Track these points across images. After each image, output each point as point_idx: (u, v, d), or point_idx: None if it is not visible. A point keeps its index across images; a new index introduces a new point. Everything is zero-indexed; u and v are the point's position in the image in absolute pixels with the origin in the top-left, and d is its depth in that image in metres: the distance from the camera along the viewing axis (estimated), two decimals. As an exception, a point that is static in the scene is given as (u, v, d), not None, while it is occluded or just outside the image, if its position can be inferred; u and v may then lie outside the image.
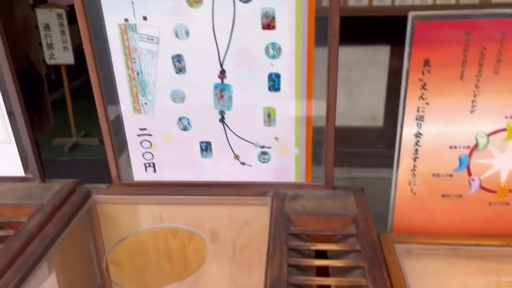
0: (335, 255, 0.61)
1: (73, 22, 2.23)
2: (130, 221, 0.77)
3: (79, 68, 2.36)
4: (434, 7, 1.72)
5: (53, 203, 0.70)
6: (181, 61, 0.64)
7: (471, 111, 0.62)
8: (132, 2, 0.61)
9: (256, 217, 0.74)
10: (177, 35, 0.62)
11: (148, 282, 0.80)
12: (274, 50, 0.62)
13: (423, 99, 0.62)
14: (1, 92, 0.70)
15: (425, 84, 0.61)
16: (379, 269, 0.53)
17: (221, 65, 0.64)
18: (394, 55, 1.94)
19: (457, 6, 1.72)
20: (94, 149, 2.74)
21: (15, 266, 0.57)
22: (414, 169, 0.68)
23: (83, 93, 1.53)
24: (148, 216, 0.76)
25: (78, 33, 0.63)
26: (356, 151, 2.09)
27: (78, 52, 2.42)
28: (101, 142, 2.33)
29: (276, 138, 0.68)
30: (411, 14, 0.59)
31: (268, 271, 0.54)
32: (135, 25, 0.62)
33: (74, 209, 0.70)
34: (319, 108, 0.65)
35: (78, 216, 0.70)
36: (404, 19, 0.61)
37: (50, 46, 2.43)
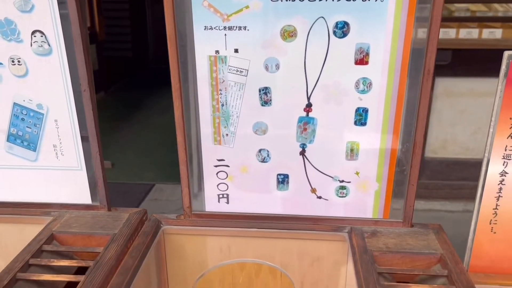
0: (422, 295, 0.59)
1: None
2: (197, 253, 0.75)
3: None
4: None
5: (125, 234, 0.68)
6: (267, 94, 0.64)
7: None
8: (225, 35, 0.61)
9: (328, 252, 0.72)
10: (267, 68, 0.62)
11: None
12: (364, 85, 0.62)
13: (512, 138, 0.62)
14: (78, 119, 0.69)
15: (517, 124, 0.60)
16: (485, 314, 0.52)
17: (308, 99, 0.63)
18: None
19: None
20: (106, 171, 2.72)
21: (103, 300, 0.56)
22: (497, 208, 0.67)
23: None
24: (216, 248, 0.74)
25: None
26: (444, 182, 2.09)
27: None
28: (113, 165, 2.31)
29: (357, 173, 0.67)
30: (506, 53, 0.59)
31: (367, 312, 0.53)
32: (225, 57, 0.62)
33: (148, 240, 0.68)
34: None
35: (152, 247, 0.68)
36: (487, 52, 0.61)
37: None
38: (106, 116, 2.89)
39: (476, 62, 1.93)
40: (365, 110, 0.63)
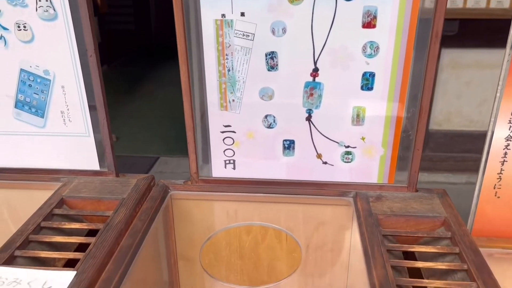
0: (425, 257, 0.60)
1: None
2: (204, 218, 0.76)
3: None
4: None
5: (133, 198, 0.69)
6: (274, 59, 0.64)
7: None
8: (231, -2, 0.60)
9: (333, 217, 0.74)
10: (273, 32, 0.62)
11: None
12: (372, 49, 0.61)
13: (522, 102, 0.62)
14: (85, 85, 0.69)
15: (525, 87, 0.60)
16: (488, 273, 0.53)
17: (315, 63, 0.63)
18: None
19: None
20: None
21: (114, 259, 0.57)
22: (501, 173, 0.68)
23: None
24: (223, 213, 0.76)
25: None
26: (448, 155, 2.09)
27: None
28: (118, 138, 2.32)
29: (363, 138, 0.68)
30: (515, 17, 0.59)
31: (372, 273, 0.54)
32: (231, 20, 0.62)
33: (156, 204, 0.69)
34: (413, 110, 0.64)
35: (160, 212, 0.69)
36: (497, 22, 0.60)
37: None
38: (109, 90, 2.88)
39: (483, 32, 1.90)
40: (372, 75, 0.63)
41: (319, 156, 0.70)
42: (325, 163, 0.70)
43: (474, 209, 0.71)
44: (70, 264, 0.57)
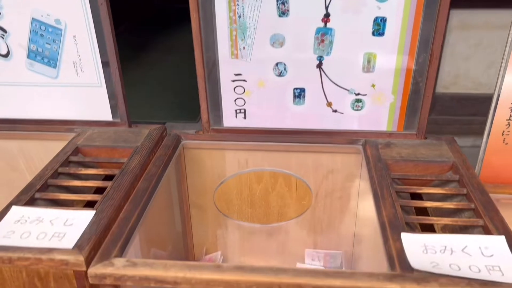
0: (433, 199, 0.61)
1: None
2: (216, 167, 0.78)
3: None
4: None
5: (147, 146, 0.71)
6: (285, 4, 0.63)
7: None
8: None
9: (342, 165, 0.75)
10: (284, -24, 0.62)
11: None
12: (383, -7, 0.61)
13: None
14: (96, 35, 0.70)
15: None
16: (494, 210, 0.54)
17: (326, 8, 0.63)
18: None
19: None
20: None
21: (131, 201, 0.59)
22: (510, 119, 0.68)
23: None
24: (234, 162, 0.77)
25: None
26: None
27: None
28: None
29: (373, 85, 0.68)
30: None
31: (382, 212, 0.55)
32: (243, -36, 0.61)
33: (169, 152, 0.71)
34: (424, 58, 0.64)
35: (173, 159, 0.71)
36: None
37: None
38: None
39: (493, -9, 1.86)
40: (384, 20, 0.63)
41: (329, 104, 0.71)
42: (335, 111, 0.71)
43: (482, 156, 0.72)
44: (88, 206, 0.59)
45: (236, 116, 0.74)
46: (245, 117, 0.74)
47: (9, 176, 0.83)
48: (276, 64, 0.68)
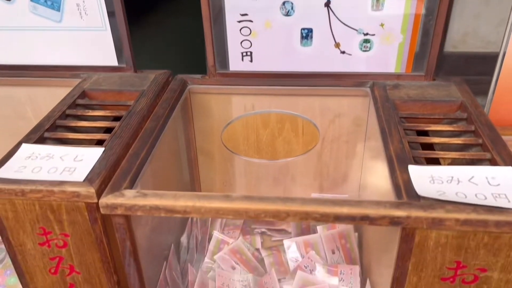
0: (441, 136, 0.61)
1: None
2: (222, 112, 0.78)
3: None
4: None
5: (153, 90, 0.71)
6: None
7: None
8: None
9: (350, 108, 0.75)
10: None
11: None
12: None
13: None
14: (99, -26, 0.68)
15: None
16: (502, 145, 0.54)
17: None
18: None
19: None
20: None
21: (139, 139, 0.59)
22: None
23: None
24: (240, 106, 0.77)
25: None
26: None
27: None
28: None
29: (382, 25, 0.67)
30: None
31: (389, 147, 0.56)
32: None
33: (176, 95, 0.71)
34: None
35: (180, 103, 0.71)
36: None
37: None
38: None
39: None
40: (394, -46, 0.61)
41: (337, 45, 0.70)
42: (343, 52, 0.70)
43: (491, 97, 0.72)
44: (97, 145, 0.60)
45: (242, 60, 0.73)
46: (251, 60, 0.73)
47: (17, 125, 0.84)
48: (283, 3, 0.67)
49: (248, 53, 0.72)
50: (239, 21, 0.69)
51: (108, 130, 0.62)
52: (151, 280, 0.59)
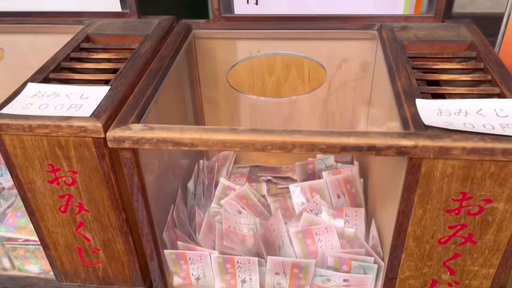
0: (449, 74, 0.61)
1: None
2: (227, 57, 0.77)
3: None
4: None
5: (158, 34, 0.70)
6: None
7: None
8: None
9: (357, 53, 0.74)
10: None
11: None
12: None
13: None
14: None
15: None
16: (511, 80, 0.54)
17: None
18: None
19: None
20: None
21: (145, 78, 0.59)
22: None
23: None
24: (245, 51, 0.76)
25: None
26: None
27: None
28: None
29: (390, -37, 0.65)
30: None
31: (396, 83, 0.55)
32: None
33: (180, 39, 0.70)
34: None
35: (184, 47, 0.70)
36: None
37: None
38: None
39: None
40: None
41: (344, -14, 0.68)
42: (350, -7, 0.69)
43: (500, 39, 0.70)
44: (103, 86, 0.59)
45: (248, 2, 0.72)
46: (256, 3, 0.72)
47: (23, 74, 0.83)
48: None
49: (254, -4, 0.71)
50: (244, -39, 0.68)
51: (113, 72, 0.62)
52: (158, 223, 0.59)
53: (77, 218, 0.59)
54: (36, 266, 0.68)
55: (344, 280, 0.59)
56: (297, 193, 0.74)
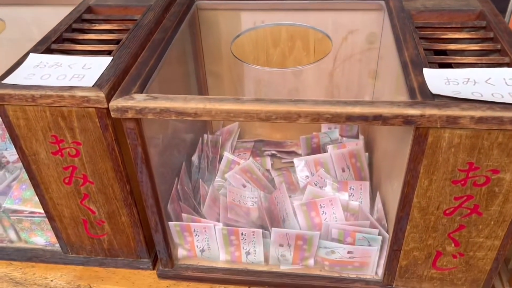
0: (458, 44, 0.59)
1: None
2: (231, 29, 0.76)
3: None
4: None
5: (160, 5, 0.68)
6: None
7: None
8: None
9: (363, 24, 0.72)
10: None
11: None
12: None
13: None
14: None
15: None
16: (522, 48, 0.52)
17: None
18: None
19: None
20: None
21: (147, 48, 0.58)
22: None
23: None
24: (249, 23, 0.75)
25: None
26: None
27: None
28: None
29: None
30: None
31: (403, 53, 0.54)
32: None
33: (184, 9, 0.69)
34: None
35: (187, 17, 0.69)
36: None
37: None
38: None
39: None
40: None
41: (351, -46, 0.66)
42: (357, -38, 0.67)
43: (511, 8, 0.69)
44: (105, 57, 0.59)
45: (252, -28, 0.70)
46: (261, -27, 0.70)
47: (25, 47, 0.83)
48: None
49: (258, -35, 0.69)
50: None
51: (115, 43, 0.61)
52: (163, 196, 0.59)
53: (81, 190, 0.59)
54: (42, 238, 0.69)
55: (348, 252, 0.59)
56: (301, 167, 0.73)
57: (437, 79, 0.48)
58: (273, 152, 0.83)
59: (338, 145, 0.75)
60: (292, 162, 0.75)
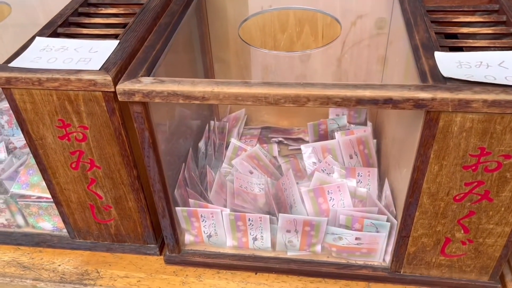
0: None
1: None
2: (238, 16, 0.75)
3: None
4: None
5: (167, -12, 0.68)
6: None
7: None
8: None
9: (373, 9, 0.71)
10: None
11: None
12: None
13: None
14: None
15: None
16: (536, 31, 0.51)
17: None
18: None
19: None
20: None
21: (154, 32, 0.58)
22: None
23: None
24: (256, 8, 0.74)
25: None
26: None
27: None
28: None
29: None
30: None
31: (414, 36, 0.53)
32: None
33: (190, -7, 0.68)
34: None
35: (194, 1, 0.68)
36: None
37: None
38: None
39: None
40: None
41: None
42: None
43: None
44: (111, 41, 0.58)
45: (260, -45, 0.69)
46: (269, -44, 0.69)
47: (32, 32, 0.82)
48: None
49: None
50: None
51: (122, 27, 0.61)
52: (170, 182, 0.59)
53: (88, 175, 0.59)
54: (50, 223, 0.69)
55: (356, 238, 0.59)
56: (308, 154, 0.73)
57: (449, 63, 0.47)
58: (280, 138, 0.83)
59: (346, 131, 0.74)
60: (299, 149, 0.74)
